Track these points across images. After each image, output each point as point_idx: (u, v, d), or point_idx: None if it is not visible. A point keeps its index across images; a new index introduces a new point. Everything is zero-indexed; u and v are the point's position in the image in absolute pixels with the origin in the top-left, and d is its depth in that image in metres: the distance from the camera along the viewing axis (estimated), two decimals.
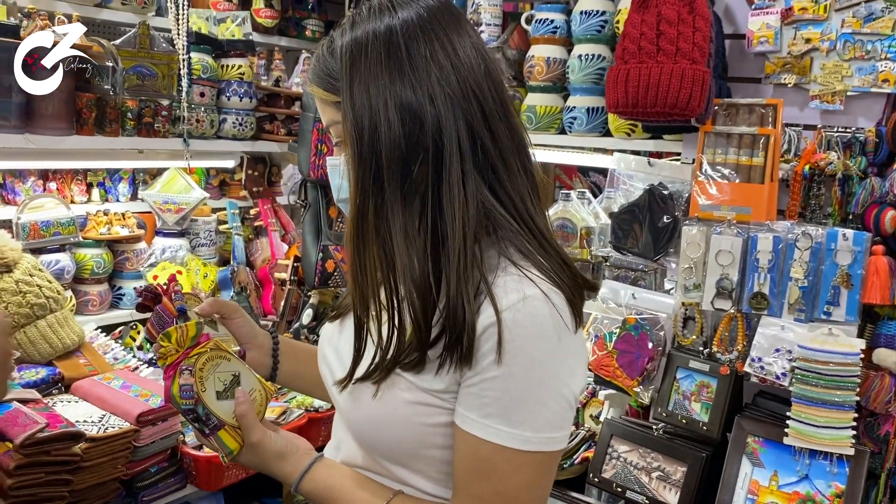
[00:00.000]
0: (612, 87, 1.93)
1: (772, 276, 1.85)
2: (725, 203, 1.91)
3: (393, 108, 0.95)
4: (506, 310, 0.94)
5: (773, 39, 1.99)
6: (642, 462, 2.01)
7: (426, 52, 0.97)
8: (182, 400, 1.11)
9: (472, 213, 0.96)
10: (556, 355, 0.96)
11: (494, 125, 0.99)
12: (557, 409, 0.98)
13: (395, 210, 0.96)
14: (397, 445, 1.04)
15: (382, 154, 0.95)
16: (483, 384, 0.96)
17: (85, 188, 2.57)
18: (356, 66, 0.97)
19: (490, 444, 0.97)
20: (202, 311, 1.27)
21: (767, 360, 1.83)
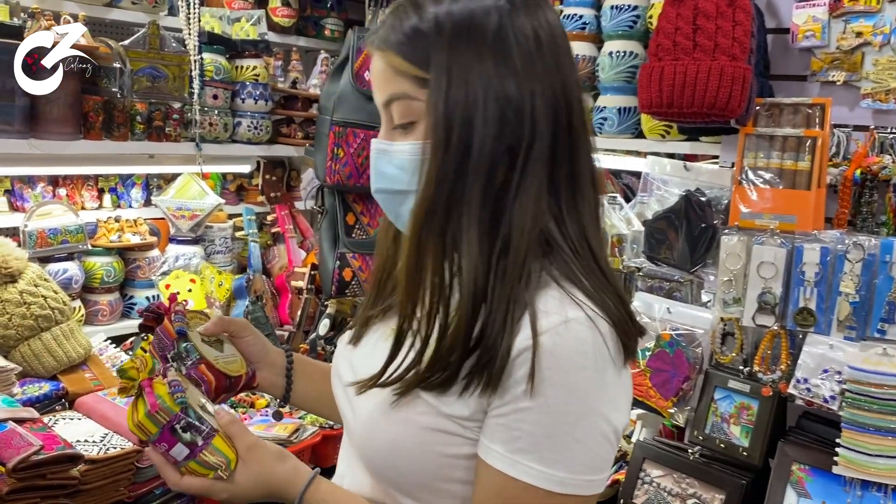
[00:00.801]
0: (646, 86, 1.80)
1: (819, 291, 1.71)
2: (768, 211, 1.78)
3: (493, 100, 0.85)
4: (544, 333, 0.84)
5: (820, 34, 1.85)
6: (677, 488, 1.88)
7: (532, 40, 0.87)
8: (174, 397, 0.98)
9: (538, 229, 0.87)
10: (598, 388, 0.86)
11: (576, 139, 0.90)
12: (597, 449, 0.87)
13: (470, 209, 0.86)
14: (411, 475, 0.93)
15: (473, 148, 0.85)
16: (514, 415, 0.85)
17: (96, 194, 2.51)
18: (461, 49, 0.86)
19: (519, 483, 0.86)
20: (206, 330, 1.17)
21: (814, 381, 1.70)
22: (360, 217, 2.51)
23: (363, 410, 0.97)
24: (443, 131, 0.86)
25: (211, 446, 0.99)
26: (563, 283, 0.87)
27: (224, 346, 1.21)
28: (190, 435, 0.99)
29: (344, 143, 2.33)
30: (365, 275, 2.49)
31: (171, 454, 1.00)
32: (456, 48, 0.86)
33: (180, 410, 0.99)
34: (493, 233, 0.87)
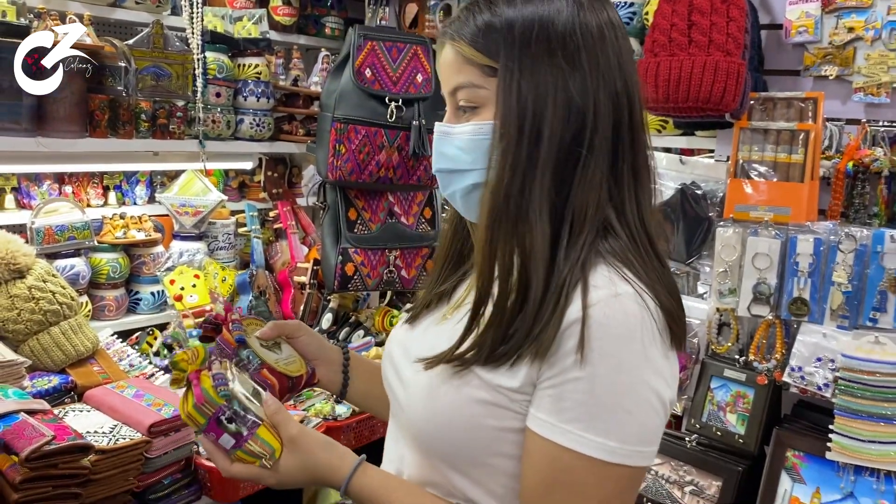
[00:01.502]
0: (642, 81, 1.83)
1: (812, 281, 1.75)
2: (762, 203, 1.81)
3: (563, 97, 0.92)
4: (594, 305, 0.88)
5: (813, 29, 1.88)
6: (674, 476, 1.92)
7: (598, 41, 0.93)
8: (218, 390, 1.02)
9: (600, 216, 0.93)
10: (646, 360, 0.88)
11: (637, 133, 0.96)
12: (646, 420, 0.90)
13: (542, 194, 0.92)
14: (462, 448, 0.96)
15: (543, 138, 0.92)
16: (564, 385, 0.89)
17: (101, 191, 2.53)
18: (532, 45, 0.93)
19: (570, 452, 0.88)
20: (263, 335, 1.21)
21: (808, 369, 1.74)
22: (361, 213, 2.54)
23: (417, 386, 1.01)
24: (515, 121, 0.92)
25: (256, 436, 1.02)
26: (614, 263, 0.91)
27: (282, 347, 1.24)
28: (235, 426, 1.02)
29: (346, 140, 2.36)
30: (367, 269, 2.52)
31: (220, 443, 1.03)
32: (527, 44, 0.93)
33: (224, 402, 1.02)
34: (559, 217, 0.93)
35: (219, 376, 1.04)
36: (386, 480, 1.04)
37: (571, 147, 0.92)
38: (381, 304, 2.92)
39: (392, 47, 2.41)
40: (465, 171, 0.99)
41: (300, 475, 1.04)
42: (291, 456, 1.03)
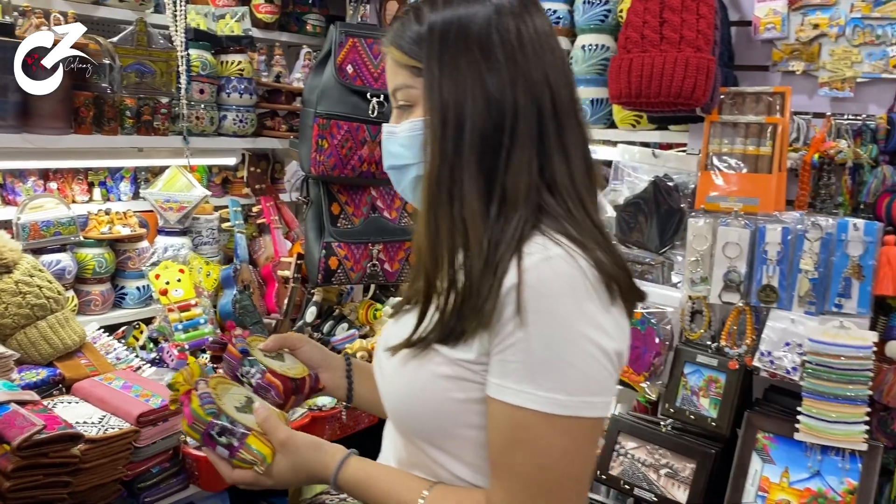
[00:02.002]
0: (615, 77, 1.90)
1: (781, 269, 1.81)
2: (732, 194, 1.88)
3: (480, 89, 1.00)
4: (528, 270, 0.94)
5: (780, 26, 1.95)
6: (650, 459, 1.98)
7: (515, 39, 1.01)
8: (204, 409, 1.11)
9: (533, 194, 0.99)
10: (581, 314, 0.94)
11: (562, 118, 1.02)
12: (590, 371, 0.94)
13: (470, 178, 1.00)
14: (432, 423, 1.03)
15: (466, 128, 1.00)
16: (509, 349, 0.94)
17: (86, 187, 2.56)
18: (449, 44, 1.01)
19: (524, 411, 0.94)
20: (266, 346, 1.31)
21: (777, 354, 1.80)
22: (344, 207, 2.58)
23: (390, 373, 1.09)
24: (439, 115, 1.01)
25: (246, 446, 1.10)
26: (549, 232, 0.98)
27: (284, 357, 1.33)
28: (226, 438, 1.10)
29: (328, 135, 2.40)
30: (350, 263, 2.56)
31: (217, 454, 1.12)
32: (446, 44, 1.01)
33: (212, 419, 1.11)
34: (490, 199, 1.00)
35: (205, 395, 1.12)
36: (371, 470, 1.10)
37: (494, 136, 1.00)
38: (364, 298, 2.96)
39: (373, 44, 2.46)
40: (409, 166, 1.08)
41: (293, 475, 1.11)
42: (283, 459, 1.11)
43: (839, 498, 1.72)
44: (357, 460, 1.11)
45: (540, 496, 0.96)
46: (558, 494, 0.96)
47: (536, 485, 0.95)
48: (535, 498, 0.96)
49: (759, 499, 1.80)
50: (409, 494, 1.04)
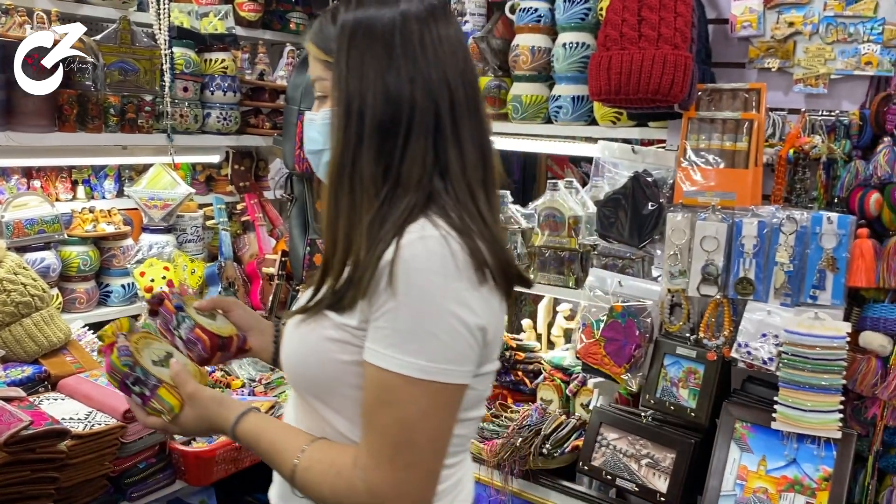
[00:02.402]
0: (595, 75, 1.92)
1: (757, 261, 1.84)
2: (710, 189, 1.91)
3: (380, 83, 1.10)
4: (403, 247, 1.04)
5: (756, 24, 1.98)
6: (631, 449, 2.01)
7: (417, 42, 1.11)
8: (121, 360, 1.22)
9: (425, 184, 1.09)
10: (448, 290, 1.05)
11: (459, 114, 1.12)
12: (451, 342, 1.06)
13: (368, 164, 1.10)
14: (318, 380, 1.14)
15: (366, 117, 1.10)
16: (382, 317, 1.05)
17: (70, 185, 2.56)
18: (356, 42, 1.12)
19: (389, 373, 1.05)
20: (201, 305, 1.41)
21: (754, 345, 1.83)
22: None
23: (289, 334, 1.20)
24: (344, 105, 1.11)
25: (157, 396, 1.22)
26: (432, 216, 1.08)
27: (217, 317, 1.43)
28: (139, 388, 1.22)
29: None
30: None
31: (133, 400, 1.25)
32: (356, 44, 1.12)
33: (127, 370, 1.22)
34: (384, 183, 1.10)
35: (123, 348, 1.24)
36: (264, 425, 1.20)
37: (391, 127, 1.09)
38: None
39: None
40: (323, 151, 1.20)
41: (197, 425, 1.24)
42: (190, 410, 1.22)
43: (815, 485, 1.76)
44: (254, 416, 1.21)
45: (399, 451, 1.06)
46: (417, 451, 1.07)
47: (397, 441, 1.06)
48: (395, 452, 1.06)
49: (738, 487, 1.84)
50: (292, 446, 1.14)
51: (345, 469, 1.09)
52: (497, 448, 2.18)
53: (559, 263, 2.41)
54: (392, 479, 1.06)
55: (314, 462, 1.12)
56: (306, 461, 1.12)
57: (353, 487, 1.08)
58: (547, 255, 2.42)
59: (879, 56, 1.83)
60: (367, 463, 1.07)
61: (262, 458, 1.20)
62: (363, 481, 1.07)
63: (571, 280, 2.38)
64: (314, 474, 1.11)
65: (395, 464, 1.06)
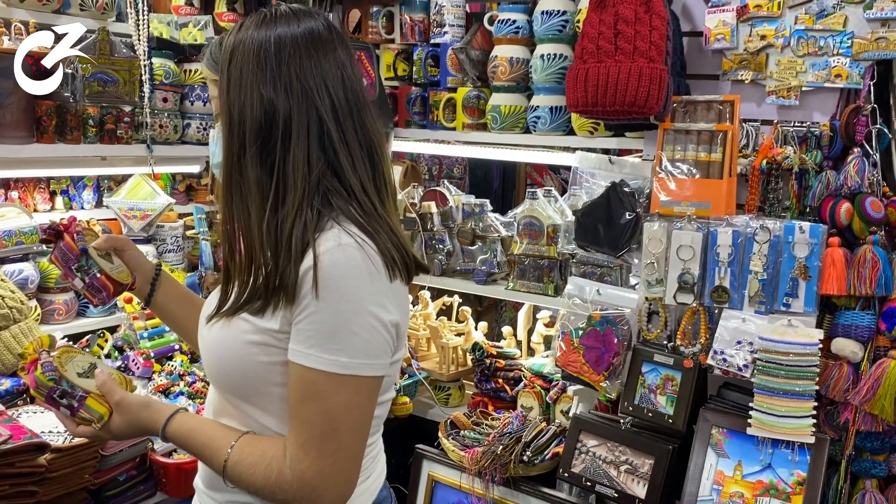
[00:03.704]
0: (572, 87, 1.95)
1: (732, 270, 1.88)
2: (685, 199, 1.94)
3: (257, 95, 1.19)
4: (322, 254, 1.13)
5: (729, 36, 2.02)
6: (610, 456, 2.03)
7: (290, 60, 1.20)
8: (45, 376, 1.27)
9: (314, 183, 1.18)
10: (367, 292, 1.15)
11: (343, 121, 1.21)
12: (370, 339, 1.16)
13: (253, 170, 1.19)
14: (240, 380, 1.22)
15: (246, 127, 1.19)
16: (306, 319, 1.14)
17: (48, 196, 2.55)
18: (235, 60, 1.22)
19: (313, 371, 1.14)
20: (98, 245, 1.49)
21: (730, 352, 1.86)
22: None
23: (205, 338, 1.28)
24: (227, 116, 1.22)
25: (85, 406, 1.27)
26: (343, 223, 1.17)
27: (112, 258, 1.51)
28: (66, 400, 1.28)
29: None
30: None
31: (62, 413, 1.29)
32: (236, 62, 1.22)
33: (53, 384, 1.28)
34: (271, 186, 1.18)
35: (46, 364, 1.29)
36: (193, 424, 1.27)
37: (269, 132, 1.19)
38: None
39: None
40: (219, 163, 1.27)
41: (128, 430, 1.31)
42: (118, 417, 1.30)
43: (789, 489, 1.79)
44: (182, 416, 1.28)
45: (326, 441, 1.15)
46: (341, 439, 1.16)
47: (323, 432, 1.15)
48: (322, 442, 1.15)
49: (715, 492, 1.87)
50: (221, 442, 1.21)
51: (274, 460, 1.17)
52: (478, 456, 2.20)
53: (538, 271, 2.43)
54: (319, 466, 1.15)
55: (245, 455, 1.19)
56: (236, 455, 1.19)
57: (283, 476, 1.16)
58: (526, 263, 2.44)
59: (849, 69, 1.88)
60: (296, 453, 1.15)
61: (192, 455, 1.28)
62: (292, 470, 1.15)
63: (550, 288, 2.41)
64: (245, 466, 1.18)
65: (322, 452, 1.15)
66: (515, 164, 4.19)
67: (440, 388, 2.76)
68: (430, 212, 2.63)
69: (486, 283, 2.58)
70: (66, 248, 1.44)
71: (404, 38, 2.81)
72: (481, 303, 3.48)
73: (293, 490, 1.16)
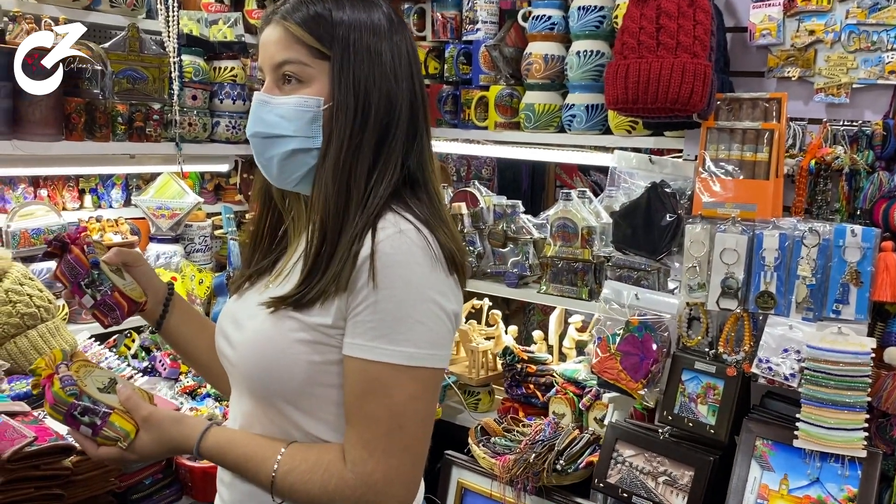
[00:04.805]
0: (612, 83, 1.89)
1: (778, 275, 1.80)
2: (729, 200, 1.87)
3: (384, 84, 1.14)
4: (381, 241, 1.08)
5: (775, 32, 1.95)
6: (648, 466, 1.97)
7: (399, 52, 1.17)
8: (65, 391, 1.15)
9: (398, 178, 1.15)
10: (429, 279, 1.09)
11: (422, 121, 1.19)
12: (435, 328, 1.10)
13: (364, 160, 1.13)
14: (289, 383, 1.13)
15: (370, 119, 1.13)
16: (366, 311, 1.07)
17: (77, 194, 2.54)
18: (360, 45, 1.14)
19: (377, 364, 1.08)
20: (109, 259, 1.35)
21: (775, 360, 1.79)
22: None
23: (244, 343, 1.18)
24: (352, 105, 1.13)
25: (109, 423, 1.16)
26: (399, 210, 1.13)
27: (123, 274, 1.37)
28: (88, 417, 1.16)
29: None
30: None
31: (81, 433, 1.17)
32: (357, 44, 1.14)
33: (74, 400, 1.16)
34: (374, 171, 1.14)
35: (66, 378, 1.17)
36: (231, 436, 1.18)
37: (387, 126, 1.14)
38: None
39: None
40: (286, 138, 1.15)
41: (157, 449, 1.19)
42: (146, 434, 1.18)
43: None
44: (217, 430, 1.18)
45: (392, 439, 1.08)
46: (408, 436, 1.10)
47: (389, 429, 1.08)
48: (388, 441, 1.08)
49: None
50: (265, 454, 1.12)
51: (332, 465, 1.10)
52: (510, 463, 2.14)
53: (572, 274, 2.37)
54: (385, 467, 1.08)
55: (296, 463, 1.11)
56: (287, 464, 1.11)
57: (344, 481, 1.09)
58: (559, 266, 2.38)
59: None
60: (359, 454, 1.08)
61: (231, 471, 1.18)
62: (355, 473, 1.08)
63: (584, 292, 2.34)
64: (298, 475, 1.10)
65: (388, 451, 1.08)
66: (545, 165, 4.13)
67: (469, 392, 2.70)
68: (460, 213, 2.58)
69: (518, 286, 2.52)
70: (75, 262, 1.30)
71: (436, 35, 2.76)
72: (509, 305, 3.42)
73: (356, 496, 1.08)
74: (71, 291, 1.32)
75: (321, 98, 1.14)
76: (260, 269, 1.27)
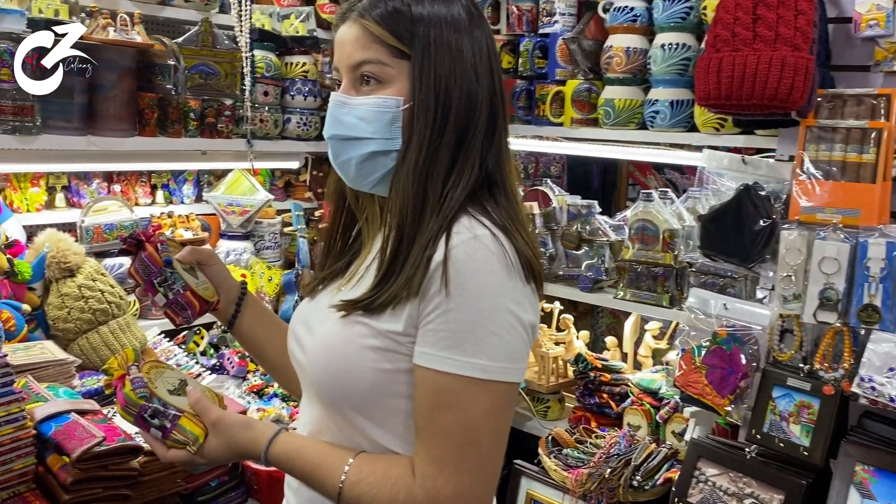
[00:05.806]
0: (703, 78, 1.77)
1: (885, 287, 1.66)
2: (830, 205, 1.73)
3: (465, 85, 1.09)
4: (455, 246, 1.03)
5: (884, 22, 1.79)
6: (733, 487, 1.84)
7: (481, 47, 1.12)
8: (136, 393, 1.15)
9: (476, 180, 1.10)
10: (504, 288, 1.04)
11: (502, 120, 1.14)
12: (510, 340, 1.04)
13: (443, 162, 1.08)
14: (358, 391, 1.09)
15: (450, 119, 1.08)
16: (438, 319, 1.03)
17: (149, 190, 2.54)
18: (441, 41, 1.09)
19: (449, 376, 1.02)
20: (182, 258, 1.33)
21: (880, 380, 1.65)
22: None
23: (315, 348, 1.15)
24: (433, 105, 1.08)
25: (178, 426, 1.15)
26: (475, 214, 1.07)
27: (196, 273, 1.35)
28: (158, 420, 1.15)
29: None
30: None
31: (151, 435, 1.17)
32: (438, 40, 1.09)
33: (144, 402, 1.15)
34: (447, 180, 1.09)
35: (137, 380, 1.17)
36: (300, 444, 1.15)
37: (467, 126, 1.09)
38: None
39: None
40: (365, 140, 1.11)
41: (225, 453, 1.17)
42: (215, 439, 1.17)
43: None
44: (286, 436, 1.15)
45: (464, 455, 1.03)
46: (481, 453, 1.05)
47: (461, 445, 1.03)
48: (460, 457, 1.03)
49: None
50: (334, 463, 1.09)
51: (401, 479, 1.06)
52: (583, 478, 2.05)
53: (651, 280, 2.26)
54: (456, 484, 1.03)
55: (364, 475, 1.08)
56: (354, 476, 1.08)
57: (412, 497, 1.05)
58: (638, 271, 2.27)
59: None
60: (428, 470, 1.04)
61: (298, 479, 1.16)
62: (424, 489, 1.04)
63: (665, 298, 2.23)
64: (366, 487, 1.07)
65: (459, 468, 1.04)
66: (617, 163, 3.99)
67: (538, 399, 2.61)
68: (531, 213, 2.49)
69: (592, 290, 2.42)
70: (149, 260, 1.29)
71: (511, 28, 2.68)
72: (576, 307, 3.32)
73: None
74: (144, 289, 1.31)
75: (401, 98, 1.09)
76: (333, 271, 1.24)
